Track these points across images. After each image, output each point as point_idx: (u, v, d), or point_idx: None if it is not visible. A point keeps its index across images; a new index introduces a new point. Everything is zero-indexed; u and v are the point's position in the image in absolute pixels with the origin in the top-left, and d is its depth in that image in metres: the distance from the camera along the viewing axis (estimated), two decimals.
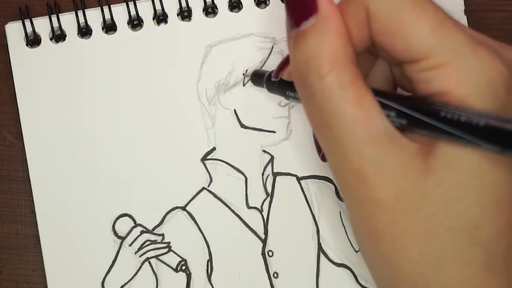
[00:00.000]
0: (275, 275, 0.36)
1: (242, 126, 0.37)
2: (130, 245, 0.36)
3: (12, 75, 0.37)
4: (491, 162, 0.23)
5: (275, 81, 0.32)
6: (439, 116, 0.23)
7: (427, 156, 0.24)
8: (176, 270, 0.36)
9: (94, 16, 0.37)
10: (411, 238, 0.24)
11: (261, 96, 0.37)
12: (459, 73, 0.23)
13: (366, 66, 0.29)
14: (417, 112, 0.24)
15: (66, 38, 0.37)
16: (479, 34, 0.26)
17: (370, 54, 0.29)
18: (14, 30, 0.37)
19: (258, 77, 0.35)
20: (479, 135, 0.22)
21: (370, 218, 0.25)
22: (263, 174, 0.37)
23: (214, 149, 0.37)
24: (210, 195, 0.36)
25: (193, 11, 0.38)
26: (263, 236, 0.36)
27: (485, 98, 0.23)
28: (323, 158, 0.36)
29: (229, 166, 0.37)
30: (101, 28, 0.37)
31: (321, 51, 0.24)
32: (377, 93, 0.25)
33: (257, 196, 0.37)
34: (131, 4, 0.37)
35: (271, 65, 0.37)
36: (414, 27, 0.24)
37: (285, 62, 0.31)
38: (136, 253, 0.36)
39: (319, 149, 0.35)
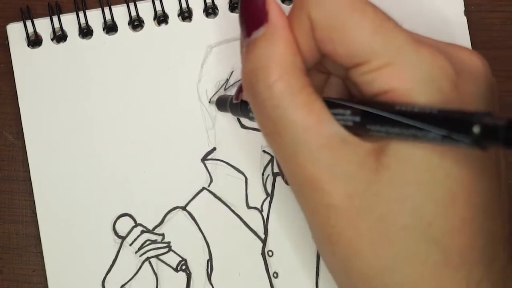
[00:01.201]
0: (275, 275, 0.36)
1: (242, 126, 0.37)
2: (130, 245, 0.36)
3: (13, 75, 0.37)
4: (442, 155, 0.23)
5: (237, 103, 0.32)
6: (391, 108, 0.23)
7: (379, 155, 0.24)
8: (176, 269, 0.36)
9: (95, 17, 0.37)
10: (366, 240, 0.24)
11: None
12: (401, 71, 0.23)
13: (319, 85, 0.29)
14: (370, 106, 0.24)
15: (67, 38, 0.37)
16: (423, 36, 0.26)
17: (321, 72, 0.29)
18: (16, 31, 0.37)
19: (222, 103, 0.35)
20: (431, 123, 0.21)
21: (326, 223, 0.25)
22: (263, 174, 0.37)
23: (214, 149, 0.37)
24: (210, 195, 0.37)
25: (193, 12, 0.38)
26: (263, 236, 0.36)
27: (429, 92, 0.23)
28: (287, 181, 0.35)
29: (229, 166, 0.37)
30: (102, 29, 0.38)
31: (269, 59, 0.25)
32: (328, 101, 0.25)
33: (257, 196, 0.37)
34: (131, 5, 0.37)
35: None
36: (354, 31, 0.24)
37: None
38: (136, 252, 0.36)
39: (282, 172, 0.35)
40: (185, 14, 0.38)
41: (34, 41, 0.37)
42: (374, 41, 0.24)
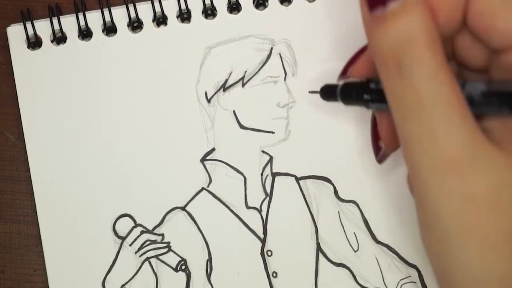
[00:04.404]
0: (274, 274, 0.36)
1: (241, 126, 0.37)
2: (130, 245, 0.36)
3: (13, 76, 0.37)
4: None
5: (350, 88, 0.31)
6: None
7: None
8: (176, 269, 0.36)
9: (94, 18, 0.38)
10: (504, 235, 0.23)
11: (260, 97, 0.37)
12: None
13: None
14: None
15: (67, 40, 0.38)
16: None
17: None
18: (16, 32, 0.37)
19: (329, 90, 0.34)
20: None
21: (462, 214, 0.24)
22: (262, 174, 0.37)
23: (213, 149, 0.37)
24: (210, 195, 0.37)
25: (192, 13, 0.38)
26: (262, 236, 0.36)
27: None
28: (381, 160, 0.34)
29: (228, 167, 0.37)
30: (101, 30, 0.38)
31: (415, 31, 0.24)
32: None
33: (256, 196, 0.37)
34: (131, 7, 0.38)
35: (271, 66, 0.37)
36: None
37: (354, 58, 0.30)
38: (136, 253, 0.36)
39: (377, 150, 0.33)
40: (184, 16, 0.38)
41: (34, 42, 0.37)
42: None
